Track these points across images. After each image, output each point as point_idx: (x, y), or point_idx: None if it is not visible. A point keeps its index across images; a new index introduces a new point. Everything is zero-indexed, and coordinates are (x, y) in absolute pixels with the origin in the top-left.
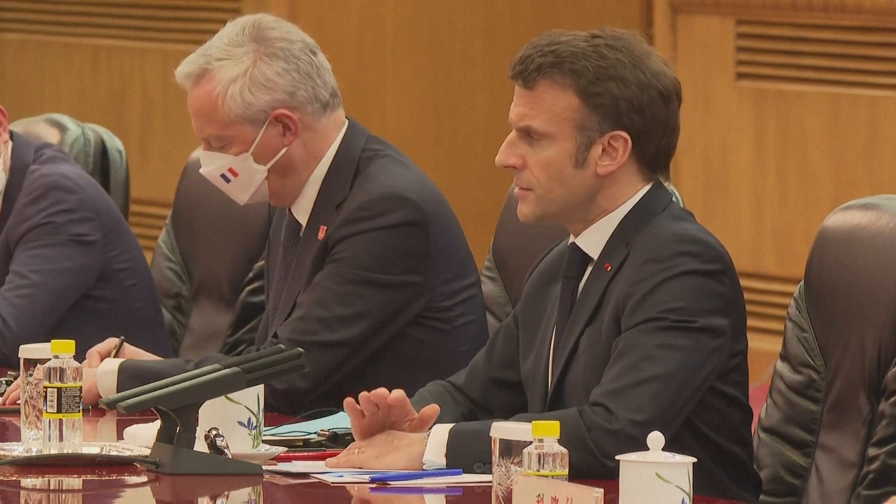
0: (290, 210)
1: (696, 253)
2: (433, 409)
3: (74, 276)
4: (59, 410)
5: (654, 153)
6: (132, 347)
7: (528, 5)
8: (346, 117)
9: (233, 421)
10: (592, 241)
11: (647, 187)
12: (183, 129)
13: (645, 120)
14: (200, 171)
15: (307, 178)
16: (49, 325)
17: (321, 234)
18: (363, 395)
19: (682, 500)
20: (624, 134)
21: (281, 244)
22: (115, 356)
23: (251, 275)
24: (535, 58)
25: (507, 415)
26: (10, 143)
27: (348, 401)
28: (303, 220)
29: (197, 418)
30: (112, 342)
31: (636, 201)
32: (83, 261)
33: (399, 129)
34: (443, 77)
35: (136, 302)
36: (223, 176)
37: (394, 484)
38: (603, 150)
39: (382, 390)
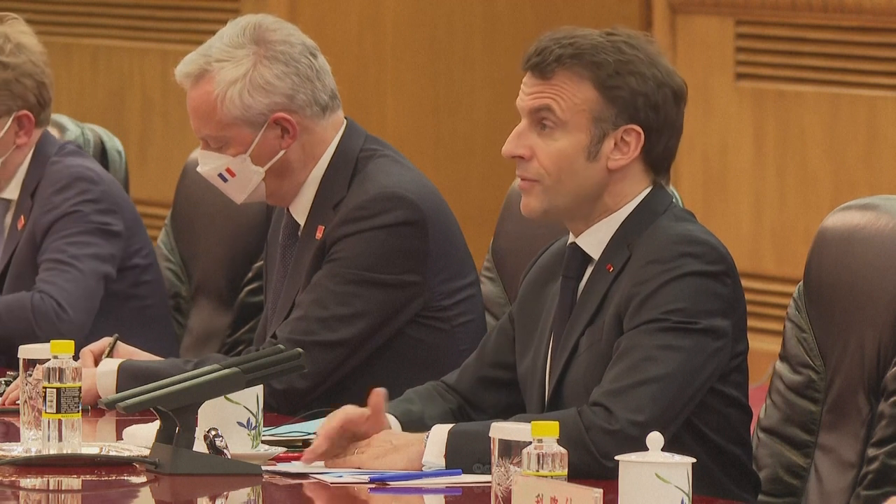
0: (288, 210)
1: (698, 254)
2: (378, 393)
3: (107, 263)
4: (58, 411)
5: (661, 153)
6: (126, 346)
7: (528, 5)
8: (345, 117)
9: (232, 421)
10: (593, 241)
11: (648, 188)
12: (182, 129)
13: (659, 117)
14: (198, 169)
15: (305, 179)
16: (96, 308)
17: (319, 234)
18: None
19: (682, 501)
20: (637, 128)
21: (279, 244)
22: (109, 355)
23: (250, 275)
24: (553, 49)
25: (499, 413)
26: (29, 147)
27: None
28: (301, 220)
29: (196, 418)
30: (106, 341)
31: (638, 202)
32: (110, 250)
33: (399, 129)
34: (443, 77)
35: (148, 299)
36: (220, 176)
37: (393, 484)
38: (615, 144)
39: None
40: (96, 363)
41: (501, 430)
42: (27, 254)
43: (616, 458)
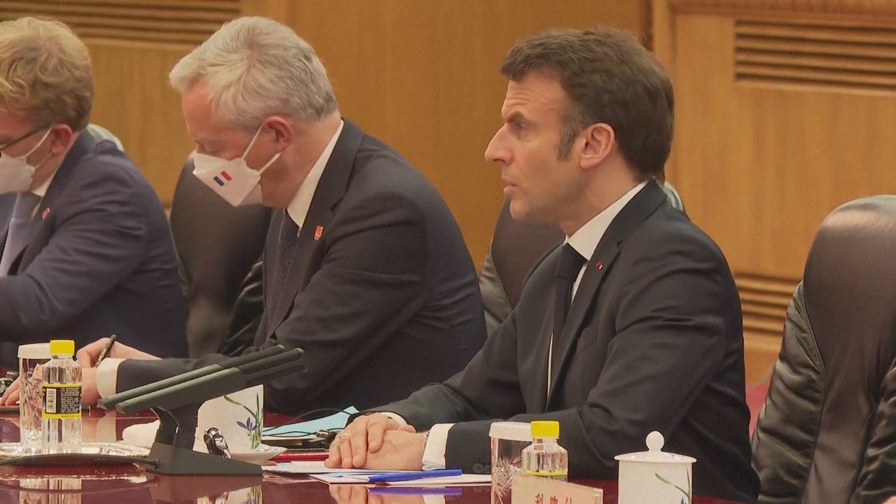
0: (286, 211)
1: (688, 252)
2: None
3: (113, 265)
4: (58, 411)
5: (641, 151)
6: (123, 346)
7: (527, 5)
8: (343, 118)
9: (232, 421)
10: (585, 241)
11: (639, 187)
12: (182, 129)
13: (629, 115)
14: (194, 172)
15: (301, 181)
16: (81, 305)
17: (318, 235)
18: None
19: (682, 501)
20: (607, 127)
21: (278, 245)
22: (107, 355)
23: (249, 275)
24: (524, 50)
25: (505, 416)
26: (64, 153)
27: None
28: (299, 220)
29: (196, 418)
30: (103, 342)
31: (628, 200)
32: (125, 252)
33: (399, 129)
34: (442, 77)
35: (165, 303)
36: (217, 179)
37: (393, 484)
38: (587, 143)
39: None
40: (93, 363)
41: (501, 430)
42: (43, 239)
43: (616, 458)
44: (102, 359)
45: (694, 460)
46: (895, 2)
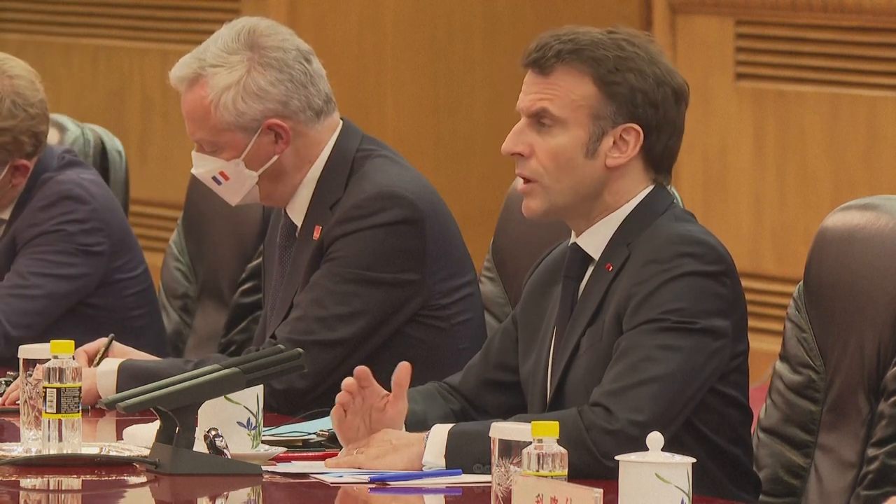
0: (285, 211)
1: (697, 254)
2: (404, 367)
3: (74, 283)
4: (58, 411)
5: (662, 152)
6: (122, 346)
7: (527, 5)
8: (341, 117)
9: (232, 421)
10: (593, 241)
11: (649, 188)
12: (182, 129)
13: (658, 115)
14: (192, 171)
15: (300, 181)
16: (41, 326)
17: (316, 234)
18: (339, 395)
19: (682, 501)
20: (637, 127)
21: (277, 245)
22: (105, 355)
23: (244, 275)
24: (553, 45)
25: (502, 415)
26: (22, 184)
27: (333, 410)
28: (298, 220)
29: (196, 418)
30: (101, 341)
31: (638, 202)
32: (86, 270)
33: (399, 129)
34: (442, 77)
35: (134, 310)
36: (214, 178)
37: (393, 484)
38: (614, 142)
39: (349, 379)
40: (90, 363)
41: (501, 430)
42: (5, 262)
43: (616, 458)
44: (101, 358)
45: (694, 460)
46: (895, 2)
